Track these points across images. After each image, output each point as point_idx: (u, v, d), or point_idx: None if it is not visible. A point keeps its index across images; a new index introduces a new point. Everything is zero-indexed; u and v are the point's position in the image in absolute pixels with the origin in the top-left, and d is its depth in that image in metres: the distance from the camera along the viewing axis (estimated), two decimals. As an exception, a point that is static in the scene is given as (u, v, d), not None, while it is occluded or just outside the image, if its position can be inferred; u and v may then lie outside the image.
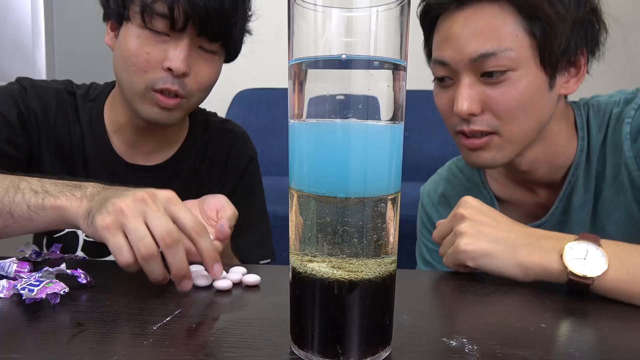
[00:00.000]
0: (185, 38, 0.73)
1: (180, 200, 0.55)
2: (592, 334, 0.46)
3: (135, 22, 0.73)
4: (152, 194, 0.53)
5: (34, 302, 0.47)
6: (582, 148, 0.75)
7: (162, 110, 0.76)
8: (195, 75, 0.77)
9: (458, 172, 0.90)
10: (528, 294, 0.55)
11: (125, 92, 0.78)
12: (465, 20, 0.68)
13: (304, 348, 0.38)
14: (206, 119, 0.95)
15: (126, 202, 0.51)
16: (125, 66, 0.75)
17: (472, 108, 0.68)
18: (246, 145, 0.96)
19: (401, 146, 0.38)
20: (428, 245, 0.91)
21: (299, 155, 0.37)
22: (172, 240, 0.50)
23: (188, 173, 0.89)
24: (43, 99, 0.82)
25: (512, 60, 0.66)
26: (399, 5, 0.34)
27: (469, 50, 0.67)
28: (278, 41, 2.31)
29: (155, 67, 0.74)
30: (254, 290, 0.54)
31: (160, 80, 0.74)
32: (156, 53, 0.73)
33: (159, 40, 0.73)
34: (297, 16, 0.35)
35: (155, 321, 0.44)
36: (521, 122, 0.69)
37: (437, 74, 0.73)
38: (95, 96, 0.86)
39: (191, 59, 0.75)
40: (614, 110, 0.74)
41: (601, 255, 0.54)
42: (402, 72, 0.36)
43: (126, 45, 0.74)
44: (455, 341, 0.42)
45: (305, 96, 0.36)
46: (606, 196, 0.74)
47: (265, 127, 2.24)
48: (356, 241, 0.35)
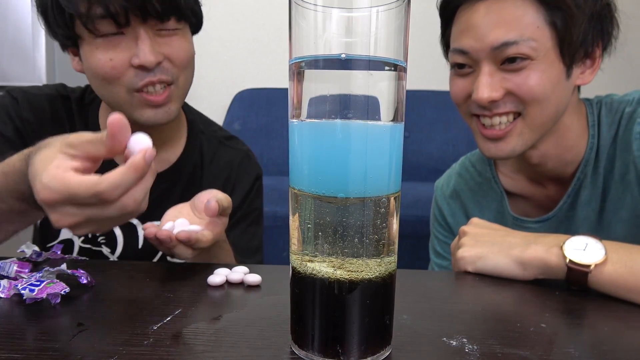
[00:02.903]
0: (139, 29, 0.71)
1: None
2: (591, 334, 0.46)
3: (87, 37, 0.72)
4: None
5: (34, 301, 0.47)
6: (591, 145, 0.76)
7: (155, 109, 0.75)
8: (171, 57, 0.74)
9: (470, 167, 0.92)
10: (528, 294, 0.55)
11: (114, 107, 0.76)
12: (486, 10, 0.69)
13: (304, 348, 0.38)
14: (208, 129, 0.93)
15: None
16: (98, 82, 0.74)
17: (492, 95, 0.69)
18: (252, 163, 0.95)
19: (401, 146, 0.38)
20: (439, 237, 0.94)
21: (299, 155, 0.37)
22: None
23: (186, 184, 0.87)
24: (37, 108, 0.81)
25: (533, 50, 0.67)
26: (399, 6, 0.34)
27: (491, 39, 0.68)
28: (278, 41, 2.31)
29: (125, 69, 0.72)
30: (255, 290, 0.54)
31: (136, 78, 0.72)
32: (119, 56, 0.71)
33: (116, 44, 0.71)
34: (297, 16, 0.35)
35: (155, 321, 0.44)
36: (543, 107, 0.70)
37: (456, 61, 0.74)
38: (91, 100, 0.85)
39: (158, 46, 0.73)
40: (627, 109, 0.75)
41: (600, 248, 0.55)
42: (402, 72, 0.36)
43: (90, 62, 0.73)
44: (455, 341, 0.42)
45: (306, 96, 0.36)
46: (613, 194, 0.75)
47: (265, 127, 2.24)
48: (356, 241, 0.35)
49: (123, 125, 0.45)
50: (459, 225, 0.89)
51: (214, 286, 0.54)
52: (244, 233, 0.90)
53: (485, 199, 0.88)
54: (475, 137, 0.77)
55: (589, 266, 0.54)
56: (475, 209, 0.89)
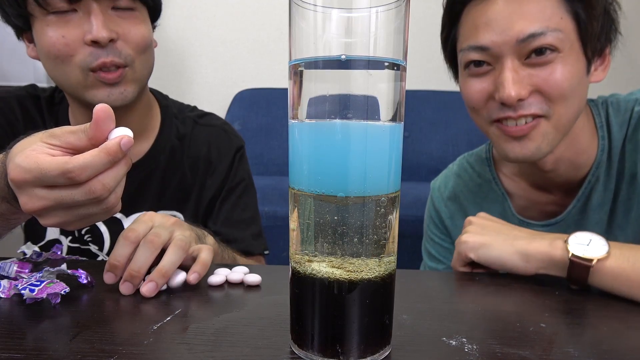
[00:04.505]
0: (92, 5, 0.70)
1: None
2: (591, 334, 0.46)
3: (39, 15, 0.70)
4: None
5: (34, 302, 0.47)
6: (603, 147, 0.74)
7: (110, 88, 0.73)
8: (125, 37, 0.73)
9: (469, 168, 0.89)
10: (528, 294, 0.55)
11: (68, 89, 0.75)
12: (505, 2, 0.66)
13: (304, 347, 0.38)
14: (181, 112, 0.92)
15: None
16: (52, 62, 0.72)
17: (520, 93, 0.65)
18: (229, 136, 0.93)
19: (401, 146, 0.38)
20: (434, 239, 0.92)
21: (299, 155, 0.37)
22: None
23: (165, 170, 0.86)
24: (5, 110, 0.80)
25: (560, 41, 0.65)
26: (398, 6, 0.34)
27: (515, 31, 0.64)
28: (278, 41, 2.31)
29: (78, 46, 0.71)
30: (254, 290, 0.54)
31: (90, 57, 0.71)
32: (72, 32, 0.70)
33: (68, 20, 0.70)
34: (297, 16, 0.35)
35: (155, 321, 0.44)
36: (568, 104, 0.67)
37: (472, 59, 0.69)
38: (60, 99, 0.84)
39: (112, 24, 0.72)
40: (636, 108, 0.73)
41: (604, 244, 0.56)
42: (402, 72, 0.36)
43: (42, 41, 0.71)
44: (455, 341, 0.42)
45: (305, 96, 0.36)
46: (624, 195, 0.74)
47: (265, 127, 2.24)
48: (356, 241, 0.36)
49: (108, 114, 0.45)
50: (458, 228, 0.87)
51: (214, 286, 0.54)
52: (234, 207, 0.89)
53: (485, 201, 0.85)
54: (496, 142, 0.72)
55: (592, 260, 0.54)
56: (475, 211, 0.85)
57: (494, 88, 0.68)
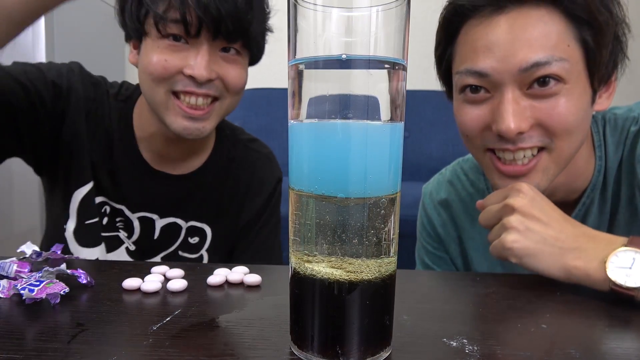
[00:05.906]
0: (204, 44, 0.74)
1: None
2: (592, 335, 0.46)
3: (153, 35, 0.74)
4: None
5: (34, 302, 0.47)
6: (599, 168, 0.70)
7: (191, 122, 0.76)
8: (223, 78, 0.77)
9: (462, 176, 0.86)
10: (528, 294, 0.55)
11: (151, 105, 0.79)
12: (509, 26, 0.60)
13: (304, 348, 0.38)
14: (234, 134, 0.96)
15: None
16: (146, 77, 0.76)
17: (521, 126, 0.60)
18: (272, 166, 0.97)
19: (401, 146, 0.38)
20: (428, 248, 0.89)
21: (299, 155, 0.37)
22: None
23: (210, 187, 0.90)
24: (87, 84, 0.84)
25: (566, 72, 0.60)
26: (398, 5, 0.34)
27: (518, 59, 0.59)
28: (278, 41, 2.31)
29: (174, 72, 0.74)
30: (254, 290, 0.54)
31: (179, 83, 0.75)
32: (174, 60, 0.74)
33: (177, 49, 0.74)
34: (297, 16, 0.35)
35: (155, 321, 0.44)
36: (572, 138, 0.62)
37: (468, 83, 0.64)
38: (126, 97, 0.88)
39: (215, 65, 0.75)
40: (632, 128, 0.69)
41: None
42: (402, 72, 0.36)
43: (146, 58, 0.75)
44: (456, 342, 0.42)
45: (305, 96, 0.36)
46: (621, 219, 0.70)
47: (265, 127, 2.24)
48: (356, 241, 0.35)
49: None
50: (451, 237, 0.84)
51: (214, 286, 0.54)
52: (266, 240, 0.93)
53: (477, 212, 0.80)
54: (489, 173, 0.68)
55: (634, 289, 0.50)
56: (466, 221, 0.83)
57: (491, 118, 0.63)
